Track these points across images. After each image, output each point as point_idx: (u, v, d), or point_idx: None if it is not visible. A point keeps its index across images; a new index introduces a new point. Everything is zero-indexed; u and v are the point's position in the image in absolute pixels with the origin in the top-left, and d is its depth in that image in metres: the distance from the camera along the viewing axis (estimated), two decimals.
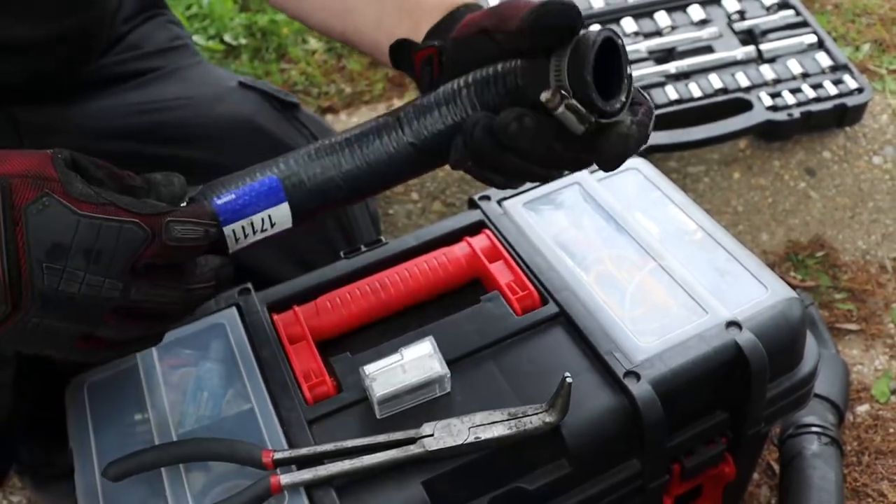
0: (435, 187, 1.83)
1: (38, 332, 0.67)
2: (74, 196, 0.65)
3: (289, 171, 0.78)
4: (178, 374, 0.93)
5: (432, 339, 0.86)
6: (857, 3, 2.15)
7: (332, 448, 0.80)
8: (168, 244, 0.68)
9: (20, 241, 0.64)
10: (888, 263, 1.70)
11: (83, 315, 0.67)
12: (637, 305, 0.92)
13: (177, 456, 0.82)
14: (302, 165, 0.79)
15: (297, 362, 0.90)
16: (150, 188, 0.72)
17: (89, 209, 0.65)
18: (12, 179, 0.64)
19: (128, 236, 0.66)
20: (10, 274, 0.64)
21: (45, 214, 0.64)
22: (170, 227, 0.68)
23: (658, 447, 0.86)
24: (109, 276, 0.66)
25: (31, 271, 0.64)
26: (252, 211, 0.77)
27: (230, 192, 0.77)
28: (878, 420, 1.45)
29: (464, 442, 0.79)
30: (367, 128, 0.80)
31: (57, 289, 0.65)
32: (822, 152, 1.82)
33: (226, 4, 2.28)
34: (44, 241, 0.64)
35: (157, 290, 0.70)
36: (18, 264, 0.64)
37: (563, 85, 0.70)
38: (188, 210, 0.71)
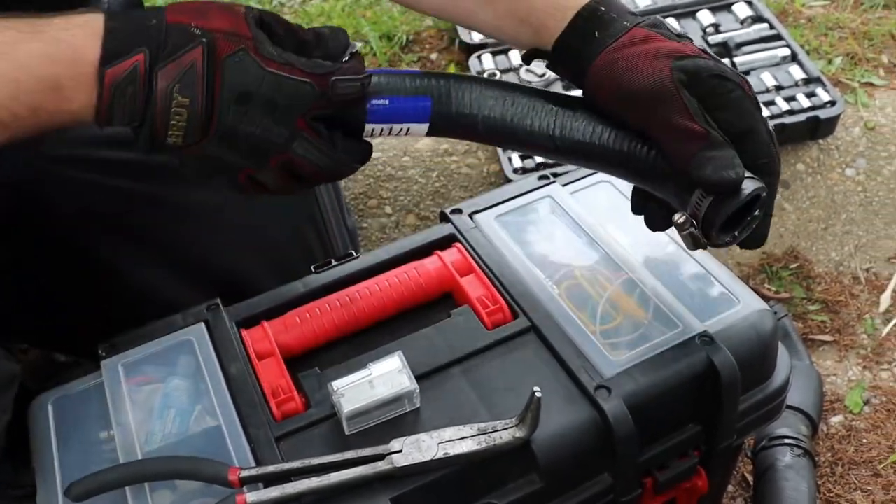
0: (409, 200, 1.83)
1: (215, 158, 0.80)
2: (263, 54, 0.77)
3: (442, 98, 0.85)
4: (145, 392, 0.92)
5: (401, 354, 0.85)
6: (830, 17, 2.16)
7: (300, 465, 0.79)
8: (332, 99, 0.79)
9: (217, 84, 0.76)
10: (861, 275, 1.71)
11: (253, 153, 0.80)
12: (608, 319, 0.92)
13: (141, 474, 0.81)
14: (454, 95, 0.86)
15: (266, 379, 0.89)
16: (319, 42, 0.81)
17: (274, 66, 0.77)
18: (216, 34, 0.76)
19: (301, 92, 0.78)
20: (206, 108, 0.76)
21: (240, 66, 0.76)
22: (335, 84, 0.79)
23: (630, 461, 0.85)
24: (281, 123, 0.79)
25: (221, 108, 0.77)
26: (397, 120, 0.85)
27: (385, 98, 0.84)
28: (852, 431, 1.45)
29: (433, 458, 0.78)
30: (525, 94, 0.87)
31: (238, 126, 0.77)
32: (796, 164, 1.82)
33: None
34: (235, 87, 0.76)
35: (314, 150, 0.81)
36: (213, 102, 0.76)
37: (697, 216, 0.81)
38: (348, 67, 0.80)
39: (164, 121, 0.76)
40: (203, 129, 0.77)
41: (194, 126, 0.77)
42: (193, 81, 0.75)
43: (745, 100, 0.82)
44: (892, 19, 2.14)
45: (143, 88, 0.75)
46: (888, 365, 1.56)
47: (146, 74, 0.75)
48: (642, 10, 2.00)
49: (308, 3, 2.38)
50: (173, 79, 0.75)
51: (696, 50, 0.83)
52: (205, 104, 0.76)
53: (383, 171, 1.84)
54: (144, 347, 0.95)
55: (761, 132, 0.83)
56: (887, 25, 2.12)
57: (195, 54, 0.75)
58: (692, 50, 0.83)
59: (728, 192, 0.80)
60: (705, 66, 0.82)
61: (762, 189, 0.80)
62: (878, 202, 1.78)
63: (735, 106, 0.82)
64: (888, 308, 1.65)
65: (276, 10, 2.39)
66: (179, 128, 0.77)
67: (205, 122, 0.77)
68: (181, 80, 0.75)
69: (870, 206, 1.78)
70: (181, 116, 0.76)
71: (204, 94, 0.76)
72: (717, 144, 0.80)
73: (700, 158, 0.80)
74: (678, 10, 2.00)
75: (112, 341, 0.96)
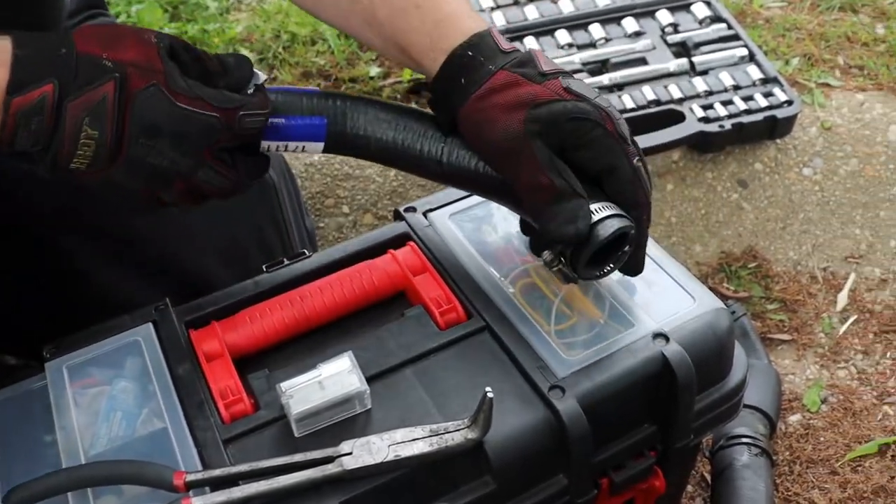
0: (366, 200, 1.81)
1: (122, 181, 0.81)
2: (174, 88, 0.78)
3: (337, 119, 0.88)
4: (90, 394, 0.90)
5: (351, 355, 0.83)
6: (787, 19, 2.18)
7: (248, 469, 0.77)
8: (237, 133, 0.82)
9: (127, 118, 0.77)
10: (819, 274, 1.71)
11: (157, 180, 0.81)
12: (563, 318, 0.91)
13: (84, 479, 0.78)
14: (349, 116, 0.88)
15: (214, 380, 0.87)
16: (225, 71, 0.83)
17: (184, 101, 0.78)
18: (128, 68, 0.77)
19: (208, 126, 0.80)
20: (115, 139, 0.77)
21: (151, 101, 0.77)
22: (241, 119, 0.81)
23: (584, 462, 0.84)
24: (187, 155, 0.80)
25: (129, 145, 0.78)
26: (292, 139, 0.88)
27: (281, 117, 0.87)
28: (810, 429, 1.46)
29: (383, 460, 0.76)
30: (418, 120, 0.90)
31: (145, 158, 0.79)
32: (754, 164, 1.82)
33: (155, 13, 2.23)
34: (145, 122, 0.77)
35: (217, 177, 0.83)
36: (121, 138, 0.77)
37: (565, 254, 0.86)
38: (254, 102, 0.83)
39: (71, 150, 0.77)
40: (110, 159, 0.78)
41: (101, 157, 0.78)
42: (103, 115, 0.76)
43: (605, 138, 0.83)
44: (847, 21, 2.16)
45: (50, 119, 0.75)
46: (845, 363, 1.56)
47: (54, 105, 0.75)
48: (602, 9, 2.00)
49: (265, 2, 2.35)
50: (83, 111, 0.75)
51: (555, 91, 0.83)
52: (113, 137, 0.77)
53: (340, 170, 1.82)
54: (90, 349, 0.93)
55: (623, 168, 0.84)
56: (843, 27, 2.13)
57: (107, 88, 0.76)
58: (550, 94, 0.83)
59: (573, 244, 0.84)
60: (561, 109, 0.83)
61: (627, 227, 0.84)
62: (835, 202, 1.79)
63: (594, 145, 0.84)
64: (845, 307, 1.66)
65: (233, 7, 2.36)
66: (86, 157, 0.78)
67: (112, 154, 0.78)
68: (91, 114, 0.76)
69: (827, 205, 1.79)
70: (88, 147, 0.77)
71: (113, 129, 0.77)
72: (565, 197, 0.82)
73: (547, 212, 0.83)
74: (637, 9, 2.00)
75: (57, 342, 0.94)
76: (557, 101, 0.83)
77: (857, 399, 1.50)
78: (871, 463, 1.40)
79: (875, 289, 1.68)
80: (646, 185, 0.86)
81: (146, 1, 2.28)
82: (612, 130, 0.83)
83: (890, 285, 1.69)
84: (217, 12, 2.32)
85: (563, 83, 0.84)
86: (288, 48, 2.18)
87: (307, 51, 2.16)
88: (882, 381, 1.53)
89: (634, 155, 0.85)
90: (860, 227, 1.77)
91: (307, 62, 2.14)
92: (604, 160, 0.84)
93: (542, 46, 1.93)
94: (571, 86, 0.84)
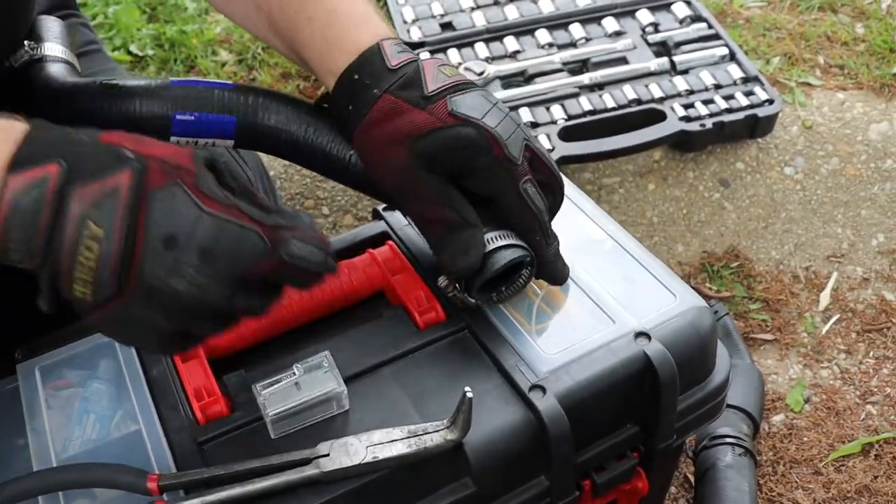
0: (346, 201, 1.80)
1: (135, 322, 0.66)
2: (203, 190, 0.64)
3: (248, 117, 0.86)
4: (63, 396, 0.88)
5: (328, 355, 0.82)
6: (768, 18, 2.18)
7: (222, 472, 0.75)
8: (285, 260, 0.66)
9: (140, 224, 0.62)
10: (801, 273, 1.71)
11: (184, 315, 0.66)
12: (544, 317, 0.90)
13: (55, 483, 0.76)
14: (260, 115, 0.87)
15: (189, 381, 0.85)
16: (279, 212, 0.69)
17: (215, 207, 0.64)
18: (150, 161, 0.64)
19: (247, 244, 0.65)
20: (123, 255, 0.62)
21: (171, 203, 0.63)
22: (291, 242, 0.66)
23: (566, 463, 0.83)
24: (219, 280, 0.65)
25: (143, 257, 0.62)
26: (202, 135, 0.86)
27: (191, 115, 0.84)
28: (793, 429, 1.45)
29: (361, 462, 0.75)
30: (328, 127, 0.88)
31: (164, 280, 0.63)
32: (736, 163, 1.82)
33: (132, 14, 2.21)
34: (162, 229, 0.63)
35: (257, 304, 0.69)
36: (133, 248, 0.62)
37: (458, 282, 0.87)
38: (314, 232, 0.69)
39: (70, 259, 0.62)
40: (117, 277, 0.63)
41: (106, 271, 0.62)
42: (113, 209, 0.62)
43: (489, 164, 0.81)
44: (827, 21, 2.16)
45: (48, 207, 0.61)
46: (828, 363, 1.56)
47: (57, 191, 0.62)
48: (582, 8, 1.99)
49: None
50: (89, 203, 0.62)
51: (439, 117, 0.80)
52: (123, 243, 0.62)
53: None
54: (63, 350, 0.91)
55: (507, 194, 0.82)
56: (823, 27, 2.14)
57: (121, 178, 0.62)
58: (431, 122, 0.80)
59: (466, 275, 0.84)
60: (443, 140, 0.80)
61: (521, 257, 0.84)
62: (817, 201, 1.79)
63: (479, 173, 0.82)
64: (827, 306, 1.65)
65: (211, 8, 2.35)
66: (87, 271, 0.62)
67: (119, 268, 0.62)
68: (98, 206, 0.62)
69: (808, 204, 1.79)
70: (91, 253, 0.62)
71: (123, 230, 0.62)
72: (456, 229, 0.81)
73: (440, 242, 0.83)
74: (617, 9, 1.99)
75: (30, 344, 0.92)
76: (439, 131, 0.80)
77: (840, 399, 1.50)
78: (855, 462, 1.40)
79: (857, 288, 1.68)
80: (536, 206, 0.83)
81: (123, 2, 2.26)
82: (499, 155, 0.80)
83: (872, 284, 1.68)
84: (196, 13, 2.30)
85: (448, 106, 0.80)
86: (267, 49, 2.17)
87: None
88: (865, 380, 1.52)
89: (523, 176, 0.82)
90: (842, 227, 1.77)
91: (286, 63, 2.13)
92: (489, 188, 0.82)
93: (522, 46, 1.93)
94: (458, 107, 0.80)
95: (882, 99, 1.92)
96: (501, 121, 0.81)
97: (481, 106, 0.81)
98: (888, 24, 2.12)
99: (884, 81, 1.96)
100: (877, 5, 2.20)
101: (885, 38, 2.08)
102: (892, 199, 1.79)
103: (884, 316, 1.62)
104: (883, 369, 1.54)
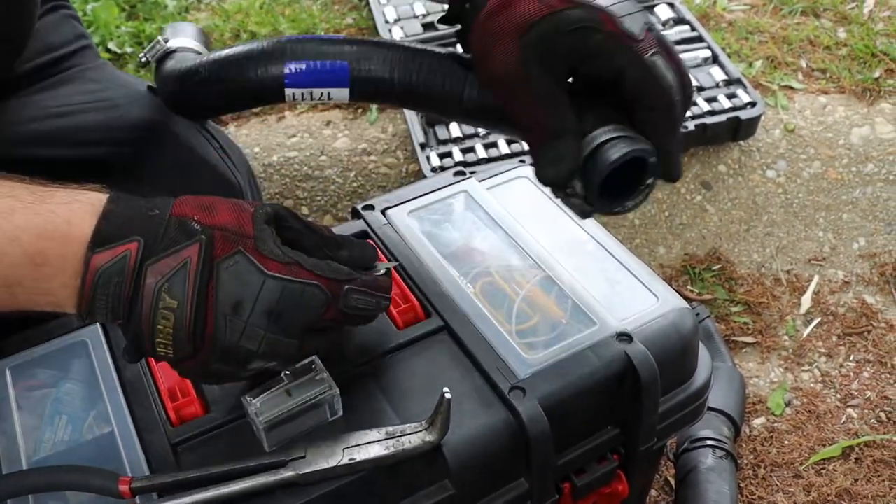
0: (326, 201, 1.78)
1: (213, 374, 0.74)
2: (264, 254, 0.70)
3: (361, 62, 0.86)
4: (34, 396, 0.87)
5: (317, 359, 0.79)
6: (750, 21, 2.18)
7: (197, 474, 0.74)
8: (343, 311, 0.74)
9: (210, 293, 0.69)
10: (783, 276, 1.71)
11: (259, 364, 0.73)
12: (525, 318, 0.89)
13: (25, 486, 0.75)
14: (372, 59, 0.87)
15: (163, 381, 0.84)
16: (343, 243, 0.78)
17: (275, 269, 0.70)
18: (215, 231, 0.70)
19: (309, 298, 0.71)
20: (195, 323, 0.69)
21: (235, 271, 0.69)
22: (349, 294, 0.73)
23: (546, 465, 0.82)
24: (287, 335, 0.72)
25: (215, 325, 0.69)
26: (316, 85, 0.86)
27: (303, 62, 0.85)
28: (774, 433, 1.45)
29: (337, 464, 0.74)
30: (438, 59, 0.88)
31: (236, 343, 0.70)
32: (718, 166, 1.82)
33: (111, 11, 2.19)
34: (230, 297, 0.69)
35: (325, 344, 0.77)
36: (205, 316, 0.69)
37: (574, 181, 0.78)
38: (368, 280, 0.75)
39: (150, 326, 0.69)
40: (194, 346, 0.70)
41: (182, 337, 0.69)
42: (184, 282, 0.68)
43: (605, 42, 0.75)
44: (810, 25, 2.16)
45: (130, 282, 0.68)
46: (809, 366, 1.55)
47: (135, 268, 0.68)
48: None
49: (225, 1, 2.32)
50: (163, 276, 0.68)
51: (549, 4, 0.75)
52: (195, 313, 0.69)
53: (300, 170, 1.79)
54: (35, 350, 0.90)
55: (630, 69, 0.75)
56: (805, 31, 2.14)
57: (190, 252, 0.69)
58: (543, 9, 0.75)
59: (556, 188, 0.79)
60: (552, 26, 0.74)
61: (639, 150, 0.75)
62: (799, 204, 1.79)
63: (596, 54, 0.76)
64: (809, 310, 1.65)
65: (192, 6, 2.33)
66: (166, 335, 0.70)
67: (193, 334, 0.69)
68: (170, 279, 0.68)
69: (790, 207, 1.78)
70: (167, 322, 0.69)
71: (193, 301, 0.69)
72: (555, 136, 0.76)
73: (538, 152, 0.78)
74: None
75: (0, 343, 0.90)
76: (548, 17, 0.74)
77: (821, 402, 1.49)
78: (836, 466, 1.39)
79: (838, 291, 1.68)
80: (664, 79, 0.75)
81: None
82: (614, 30, 0.74)
83: (853, 287, 1.68)
84: (176, 11, 2.29)
85: None
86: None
87: None
88: (846, 383, 1.52)
89: (650, 49, 0.75)
90: (823, 230, 1.76)
91: None
92: (609, 67, 0.76)
93: None
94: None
95: (864, 103, 1.92)
96: (618, 1, 0.76)
97: None
98: (870, 29, 2.12)
99: (865, 86, 1.96)
100: (859, 10, 2.21)
101: (867, 42, 2.08)
102: (874, 203, 1.78)
103: (864, 319, 1.62)
104: (863, 373, 1.53)
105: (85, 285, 0.68)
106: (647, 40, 0.75)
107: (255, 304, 0.69)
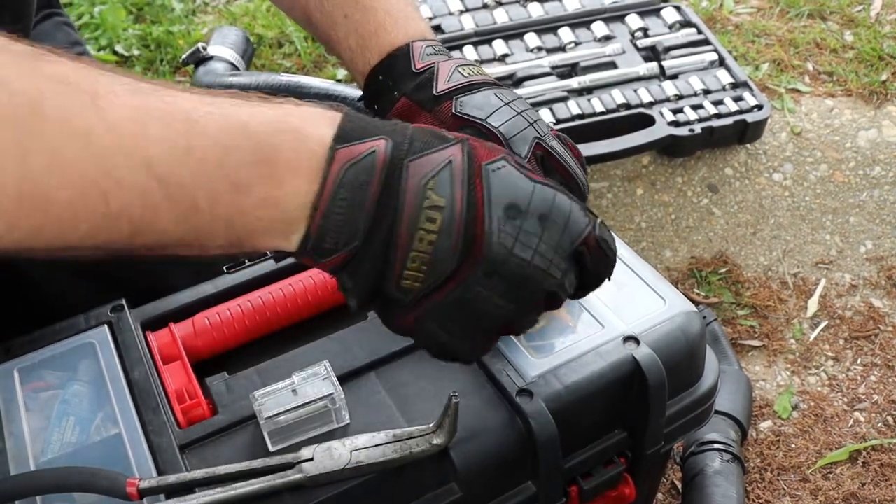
0: None
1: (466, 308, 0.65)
2: (525, 166, 0.65)
3: None
4: (42, 398, 0.86)
5: (328, 364, 0.80)
6: (757, 24, 2.18)
7: (204, 475, 0.74)
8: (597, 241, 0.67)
9: (480, 194, 0.62)
10: (789, 279, 1.70)
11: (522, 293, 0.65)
12: None
13: (33, 487, 0.75)
14: None
15: (171, 383, 0.84)
16: None
17: (541, 179, 0.65)
18: (471, 140, 0.64)
19: (576, 213, 0.66)
20: (466, 227, 0.62)
21: (504, 173, 0.64)
22: (602, 225, 0.68)
23: (553, 469, 0.82)
24: (557, 251, 0.65)
25: (487, 227, 0.62)
26: None
27: None
28: (781, 436, 1.44)
29: (345, 466, 0.74)
30: None
31: (510, 250, 0.63)
32: (724, 169, 1.82)
33: (119, 14, 2.20)
34: (502, 198, 0.63)
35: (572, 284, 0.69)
36: (475, 218, 0.62)
37: None
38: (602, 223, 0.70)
39: (408, 235, 0.61)
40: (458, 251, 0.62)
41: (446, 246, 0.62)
42: (450, 180, 0.62)
43: None
44: (816, 28, 2.16)
45: (378, 181, 0.61)
46: (816, 370, 1.55)
47: (387, 163, 0.61)
48: (571, 13, 1.98)
49: (232, 3, 2.32)
50: (425, 175, 0.62)
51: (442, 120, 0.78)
52: (465, 212, 0.62)
53: None
54: (43, 351, 0.89)
55: None
56: (812, 34, 2.13)
57: (454, 150, 0.63)
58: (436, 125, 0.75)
59: None
60: None
61: None
62: (805, 207, 1.78)
63: None
64: (815, 313, 1.65)
65: (199, 9, 2.33)
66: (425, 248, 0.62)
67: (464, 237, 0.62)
68: (437, 176, 0.62)
69: (797, 210, 1.78)
70: (432, 225, 0.61)
71: (464, 198, 0.62)
72: None
73: None
74: (607, 13, 1.99)
75: (8, 344, 0.90)
76: None
77: (827, 405, 1.49)
78: (843, 470, 1.39)
79: (845, 295, 1.68)
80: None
81: (110, 2, 2.25)
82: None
83: (860, 291, 1.68)
84: (183, 14, 2.29)
85: (453, 107, 0.77)
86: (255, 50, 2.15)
87: (274, 53, 2.14)
88: (853, 387, 1.52)
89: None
90: (830, 233, 1.76)
91: (274, 64, 2.12)
92: None
93: (511, 50, 1.92)
94: (462, 107, 0.78)
95: (871, 106, 1.92)
96: (509, 119, 0.77)
97: (488, 105, 0.78)
98: (877, 32, 2.12)
99: (872, 89, 1.96)
100: (865, 13, 2.20)
101: (874, 45, 2.08)
102: (881, 206, 1.78)
103: (871, 323, 1.62)
104: (870, 376, 1.53)
105: (324, 190, 0.60)
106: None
107: (528, 206, 0.63)
